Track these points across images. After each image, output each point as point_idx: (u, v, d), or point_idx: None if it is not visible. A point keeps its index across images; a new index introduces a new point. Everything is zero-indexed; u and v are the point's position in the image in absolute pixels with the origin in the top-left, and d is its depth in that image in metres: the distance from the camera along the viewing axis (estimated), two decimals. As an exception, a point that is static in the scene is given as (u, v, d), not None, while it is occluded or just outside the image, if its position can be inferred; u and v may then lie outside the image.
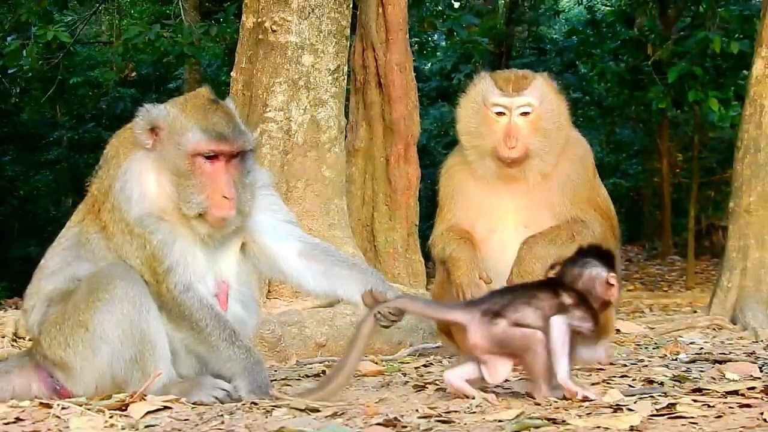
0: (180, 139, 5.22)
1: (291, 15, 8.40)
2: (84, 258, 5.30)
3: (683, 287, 18.94)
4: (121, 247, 5.21)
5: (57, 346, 5.17)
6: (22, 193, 27.25)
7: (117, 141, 5.42)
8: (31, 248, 25.80)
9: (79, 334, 5.10)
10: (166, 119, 5.26)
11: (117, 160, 5.29)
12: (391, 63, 10.22)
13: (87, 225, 5.34)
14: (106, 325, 5.05)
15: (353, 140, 10.35)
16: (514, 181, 6.46)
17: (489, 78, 6.63)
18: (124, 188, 5.21)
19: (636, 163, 27.48)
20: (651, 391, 4.82)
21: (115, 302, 5.04)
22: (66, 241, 5.39)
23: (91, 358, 5.10)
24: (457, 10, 23.19)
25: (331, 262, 5.57)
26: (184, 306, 5.16)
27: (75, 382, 5.19)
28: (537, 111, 6.46)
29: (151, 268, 5.16)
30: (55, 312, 5.23)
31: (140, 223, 5.17)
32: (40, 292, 5.34)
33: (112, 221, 5.21)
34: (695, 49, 17.88)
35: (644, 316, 12.25)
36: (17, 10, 16.85)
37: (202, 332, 5.16)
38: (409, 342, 7.88)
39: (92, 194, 5.38)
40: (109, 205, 5.22)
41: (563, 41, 27.87)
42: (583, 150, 6.58)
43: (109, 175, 5.28)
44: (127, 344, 5.06)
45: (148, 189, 5.23)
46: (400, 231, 10.26)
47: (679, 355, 6.95)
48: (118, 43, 17.81)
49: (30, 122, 26.14)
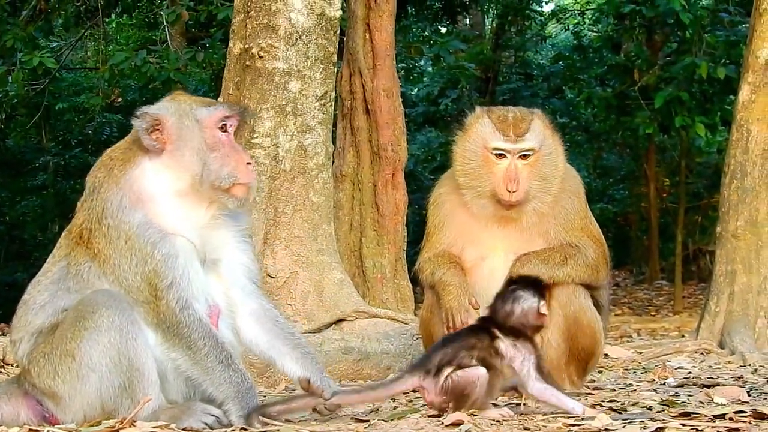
0: (196, 118, 5.32)
1: (278, 41, 8.41)
2: (73, 290, 5.23)
3: (671, 312, 19.01)
4: (118, 267, 5.15)
5: (46, 376, 5.13)
6: (8, 218, 27.17)
7: (104, 166, 5.35)
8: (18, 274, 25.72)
9: (66, 364, 5.06)
10: (169, 109, 5.32)
11: (111, 181, 5.24)
12: (378, 89, 10.25)
13: (76, 257, 5.27)
14: (93, 354, 5.01)
15: (341, 166, 10.37)
16: (510, 222, 6.43)
17: (488, 119, 6.53)
18: (123, 205, 5.17)
19: (623, 188, 27.56)
20: (639, 416, 4.81)
21: (101, 331, 5.00)
22: (53, 275, 5.32)
23: (80, 387, 5.06)
24: (444, 35, 23.30)
25: (275, 334, 5.57)
26: (182, 324, 5.10)
27: (64, 411, 5.14)
28: (537, 154, 6.42)
29: (151, 284, 5.10)
30: (43, 342, 5.19)
31: (143, 237, 5.12)
32: (28, 326, 5.28)
33: (108, 244, 5.16)
34: (682, 74, 17.99)
35: (632, 341, 12.28)
36: (2, 36, 16.78)
37: (199, 352, 5.10)
38: (398, 367, 7.85)
39: (78, 227, 5.29)
40: (104, 228, 5.16)
41: (550, 66, 27.95)
42: (575, 181, 6.58)
43: (101, 198, 5.21)
44: (115, 372, 5.02)
45: (149, 202, 5.22)
46: (388, 256, 10.27)
47: (668, 379, 6.97)
48: (104, 68, 17.79)
49: (16, 148, 26.08)
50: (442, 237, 6.53)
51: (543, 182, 6.42)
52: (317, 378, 5.41)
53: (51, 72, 18.03)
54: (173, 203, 5.28)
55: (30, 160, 26.26)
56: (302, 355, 5.56)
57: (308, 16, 8.49)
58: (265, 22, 8.46)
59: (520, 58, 28.37)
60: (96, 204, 5.24)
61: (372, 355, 7.74)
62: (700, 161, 24.82)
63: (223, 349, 5.15)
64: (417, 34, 23.72)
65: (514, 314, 5.25)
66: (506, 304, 5.29)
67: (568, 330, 6.14)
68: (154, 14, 20.73)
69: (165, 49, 16.77)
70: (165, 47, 16.90)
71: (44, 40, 19.93)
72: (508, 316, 5.25)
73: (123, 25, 25.00)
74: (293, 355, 5.54)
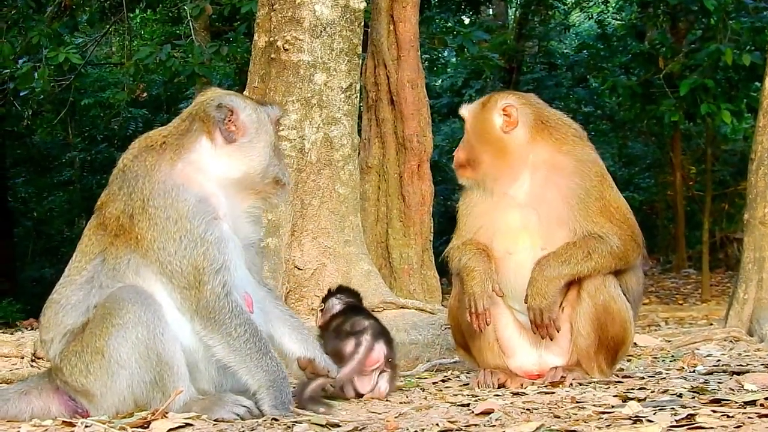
0: (269, 115, 5.61)
1: (303, 34, 8.44)
2: (105, 286, 5.24)
3: (698, 300, 18.94)
4: (163, 251, 5.16)
5: (78, 374, 5.17)
6: (35, 214, 27.38)
7: (152, 150, 5.38)
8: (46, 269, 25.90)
9: (97, 361, 5.11)
10: (240, 104, 5.51)
11: (165, 163, 5.31)
12: (402, 80, 10.24)
13: (114, 251, 5.25)
14: (122, 351, 5.06)
15: (366, 157, 10.37)
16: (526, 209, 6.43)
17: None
18: (177, 186, 5.23)
19: (649, 177, 27.47)
20: (670, 403, 4.81)
21: (128, 327, 5.04)
22: (87, 273, 5.30)
23: (111, 384, 5.11)
24: (467, 26, 23.26)
25: (276, 316, 5.70)
26: (225, 309, 5.13)
27: (98, 407, 5.19)
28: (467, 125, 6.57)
29: (198, 268, 5.12)
30: (74, 341, 5.22)
31: (197, 218, 5.19)
32: (59, 326, 5.29)
33: (153, 227, 5.17)
34: (707, 61, 17.88)
35: (660, 329, 12.24)
36: (28, 33, 16.88)
37: (239, 339, 5.13)
38: (426, 357, 7.88)
39: (115, 218, 5.28)
40: (151, 211, 5.18)
41: (574, 56, 27.92)
42: (589, 164, 6.50)
43: (150, 181, 5.24)
44: (145, 367, 5.06)
45: (204, 186, 5.32)
46: (415, 247, 10.27)
47: (697, 367, 6.94)
48: (129, 63, 17.82)
49: (42, 144, 26.25)
50: (470, 225, 6.53)
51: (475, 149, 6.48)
52: (320, 358, 5.61)
53: (76, 68, 18.04)
54: (225, 191, 5.40)
55: (56, 156, 26.45)
56: (303, 337, 5.70)
57: (332, 8, 8.51)
58: (289, 14, 8.48)
59: (544, 47, 28.31)
60: (141, 187, 5.26)
61: (400, 345, 7.74)
62: (726, 148, 24.75)
63: (261, 337, 5.20)
64: (440, 24, 23.66)
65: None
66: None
67: (597, 319, 6.11)
68: (178, 9, 20.78)
69: (189, 43, 16.77)
70: (189, 42, 16.88)
71: (69, 36, 19.99)
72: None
73: (147, 20, 25.09)
74: (293, 336, 5.68)
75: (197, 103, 5.60)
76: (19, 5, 17.07)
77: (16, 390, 5.48)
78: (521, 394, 5.65)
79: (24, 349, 7.60)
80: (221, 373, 5.29)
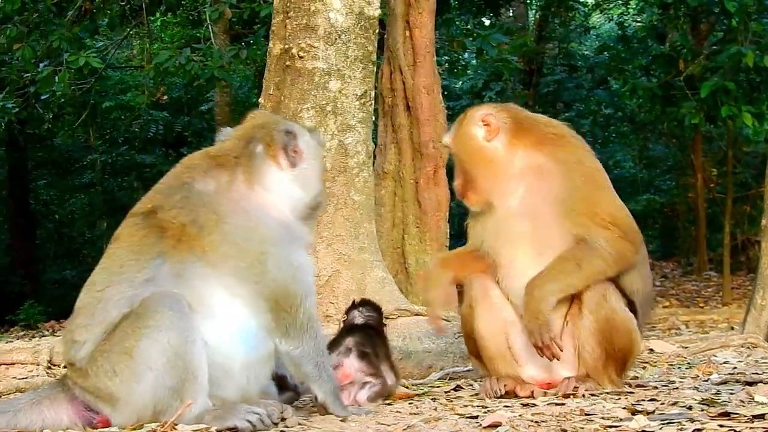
0: (320, 143, 5.85)
1: (317, 41, 8.45)
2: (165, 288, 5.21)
3: (719, 303, 18.89)
4: (243, 270, 5.25)
5: (103, 375, 5.12)
6: (57, 217, 27.51)
7: (220, 167, 5.46)
8: (67, 271, 26.05)
9: (124, 361, 5.08)
10: (299, 130, 5.69)
11: (241, 184, 5.42)
12: (418, 86, 10.25)
13: (177, 255, 5.22)
14: (152, 352, 5.04)
15: (382, 163, 10.38)
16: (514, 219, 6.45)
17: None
18: (254, 213, 5.35)
19: (670, 179, 27.42)
20: (677, 416, 4.80)
21: (161, 330, 5.04)
22: (147, 272, 5.22)
23: (136, 387, 5.07)
24: (487, 28, 23.21)
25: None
26: (313, 329, 5.41)
27: (121, 412, 5.14)
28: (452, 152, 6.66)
29: (288, 292, 5.31)
30: (103, 341, 5.17)
31: (280, 245, 5.33)
32: (103, 323, 5.19)
33: (225, 244, 5.23)
34: (728, 63, 17.81)
35: (680, 333, 12.22)
36: (49, 37, 16.97)
37: (322, 355, 5.48)
38: (440, 365, 7.87)
39: (179, 225, 5.27)
40: (221, 231, 5.25)
41: (594, 57, 27.86)
42: (571, 161, 6.43)
43: (225, 198, 5.34)
44: (170, 373, 5.04)
45: (280, 212, 5.45)
46: (431, 252, 10.26)
47: (711, 375, 6.92)
48: (149, 67, 17.87)
49: (64, 147, 26.40)
50: (476, 238, 6.55)
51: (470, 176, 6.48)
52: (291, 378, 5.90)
53: (97, 71, 18.15)
54: (293, 215, 5.56)
55: (77, 159, 26.59)
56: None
57: (347, 15, 8.52)
58: (304, 22, 8.50)
59: (564, 49, 28.28)
60: (217, 204, 5.33)
61: (413, 353, 7.75)
62: (747, 151, 24.63)
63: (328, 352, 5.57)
64: (460, 27, 23.64)
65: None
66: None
67: (602, 334, 6.08)
68: (198, 12, 20.82)
69: (208, 47, 16.82)
70: (208, 45, 16.94)
71: (90, 39, 20.08)
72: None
73: (167, 23, 25.15)
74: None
75: (256, 126, 5.69)
76: (40, 9, 17.15)
77: (28, 400, 5.41)
78: (531, 406, 5.64)
79: (40, 357, 7.62)
80: (251, 381, 5.36)
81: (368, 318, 6.58)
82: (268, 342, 5.36)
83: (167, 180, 5.53)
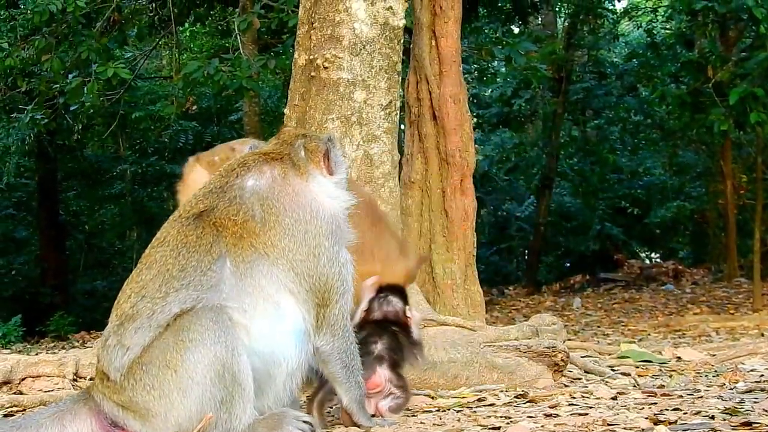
0: (344, 154, 6.08)
1: (342, 52, 8.47)
2: (219, 288, 5.09)
3: (750, 310, 18.79)
4: (299, 263, 5.24)
5: (142, 389, 4.95)
6: (87, 227, 27.65)
7: (271, 169, 5.45)
8: (97, 282, 26.16)
9: (166, 376, 4.93)
10: (334, 141, 5.72)
11: (295, 182, 5.42)
12: (445, 95, 10.24)
13: (240, 253, 5.14)
14: (199, 367, 4.91)
15: (409, 172, 10.38)
16: None
17: (199, 166, 6.92)
18: (311, 206, 5.36)
19: (699, 186, 27.36)
20: (699, 426, 4.79)
21: (206, 344, 4.92)
22: (214, 276, 5.09)
23: (179, 401, 4.92)
24: (516, 36, 23.21)
25: None
26: (347, 328, 5.41)
27: (152, 427, 4.98)
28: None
29: (331, 287, 5.31)
30: (143, 353, 4.99)
31: (332, 239, 5.34)
32: (160, 328, 5.00)
33: (285, 238, 5.23)
34: (756, 70, 17.75)
35: (711, 339, 12.18)
36: (78, 48, 17.07)
37: (353, 358, 5.47)
38: (465, 375, 7.85)
39: (238, 224, 5.20)
40: (282, 225, 5.24)
41: (623, 65, 27.83)
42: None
43: (282, 193, 5.34)
44: (218, 386, 4.92)
45: (332, 209, 5.45)
46: (458, 262, 10.25)
47: (737, 383, 6.90)
48: (178, 77, 17.92)
49: (93, 157, 26.54)
50: None
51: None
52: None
53: (126, 82, 18.25)
54: (340, 201, 5.59)
55: (107, 169, 26.73)
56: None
57: (372, 26, 8.54)
58: (329, 32, 8.52)
59: (593, 56, 28.23)
60: (278, 195, 5.33)
61: (439, 363, 7.73)
62: (776, 157, 24.52)
63: (359, 357, 5.54)
64: (489, 35, 23.64)
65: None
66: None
67: None
68: (227, 22, 20.91)
69: (237, 57, 16.86)
70: (237, 55, 16.98)
71: (119, 50, 20.20)
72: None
73: (196, 34, 25.27)
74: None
75: (297, 135, 5.69)
76: (68, 21, 17.25)
77: (49, 414, 5.21)
78: (554, 416, 5.64)
79: (65, 369, 7.64)
80: (287, 389, 5.28)
81: (387, 312, 6.20)
82: (310, 345, 5.32)
83: (212, 184, 5.43)
